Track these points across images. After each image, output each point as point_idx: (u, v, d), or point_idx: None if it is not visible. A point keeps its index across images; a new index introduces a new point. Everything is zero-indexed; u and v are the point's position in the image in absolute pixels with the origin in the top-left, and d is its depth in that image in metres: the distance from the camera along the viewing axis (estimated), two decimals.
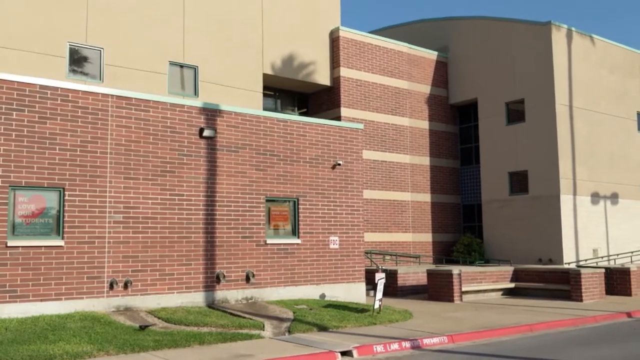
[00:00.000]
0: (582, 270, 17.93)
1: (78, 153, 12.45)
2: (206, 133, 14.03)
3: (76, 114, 12.50)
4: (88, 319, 11.41)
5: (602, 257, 23.94)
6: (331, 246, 16.03)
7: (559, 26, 24.34)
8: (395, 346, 10.68)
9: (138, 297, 12.87)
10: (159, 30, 19.64)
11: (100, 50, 18.54)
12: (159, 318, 12.04)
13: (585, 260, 23.17)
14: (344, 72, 23.81)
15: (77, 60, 18.30)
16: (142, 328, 11.03)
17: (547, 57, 24.00)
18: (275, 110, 23.71)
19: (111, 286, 12.53)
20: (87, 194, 12.48)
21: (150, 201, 13.23)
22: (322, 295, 15.64)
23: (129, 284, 12.70)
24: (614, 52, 26.62)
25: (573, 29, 24.83)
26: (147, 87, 18.46)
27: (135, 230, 12.97)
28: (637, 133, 27.12)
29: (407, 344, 10.84)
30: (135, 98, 13.31)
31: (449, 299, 17.47)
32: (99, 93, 12.86)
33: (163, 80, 19.57)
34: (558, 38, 24.20)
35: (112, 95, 13.02)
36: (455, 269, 17.94)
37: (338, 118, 23.11)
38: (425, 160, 26.26)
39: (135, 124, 13.20)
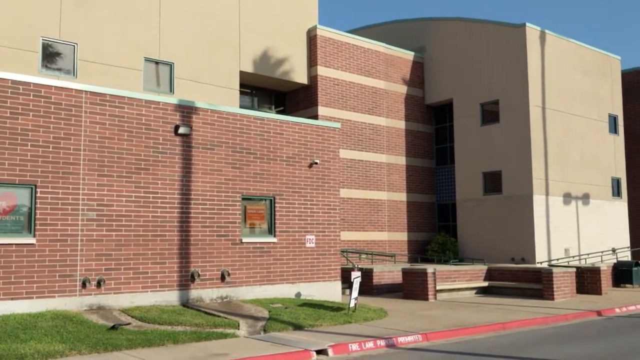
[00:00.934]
0: (554, 270, 18.22)
1: (51, 150, 12.25)
2: (181, 130, 13.91)
3: (49, 109, 12.29)
4: (60, 318, 11.24)
5: (573, 257, 24.35)
6: (307, 245, 16.03)
7: (534, 28, 24.68)
8: (370, 345, 10.73)
9: (111, 295, 12.71)
10: (134, 26, 19.41)
11: (74, 46, 18.26)
12: (132, 317, 11.92)
13: (557, 259, 23.55)
14: (322, 70, 23.82)
15: (50, 56, 17.99)
16: (115, 327, 10.90)
17: (522, 58, 24.31)
18: (252, 108, 23.62)
19: (84, 285, 12.36)
20: (60, 191, 12.28)
21: (124, 199, 13.08)
22: (298, 294, 15.64)
23: (102, 283, 12.54)
24: (586, 55, 27.08)
25: (547, 31, 25.19)
26: (121, 84, 18.24)
27: (109, 229, 12.81)
28: (608, 135, 27.64)
29: (382, 343, 10.90)
30: (109, 94, 13.14)
31: (424, 297, 17.60)
32: (72, 89, 12.67)
33: (138, 76, 19.34)
34: (532, 40, 24.53)
35: (86, 91, 12.83)
36: (430, 268, 18.09)
37: (315, 117, 23.11)
38: (402, 160, 26.41)
39: (110, 120, 13.04)
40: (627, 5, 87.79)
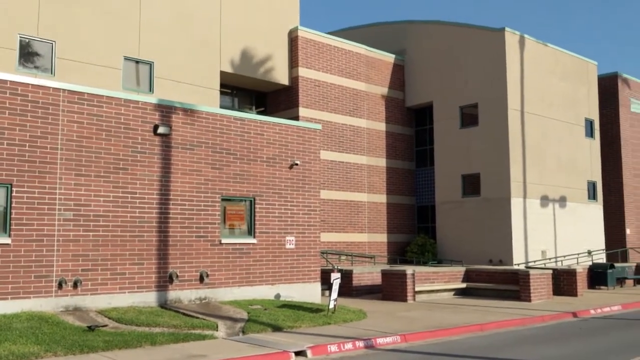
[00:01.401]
0: (531, 271, 18.42)
1: (27, 148, 12.07)
2: (161, 130, 13.81)
3: (26, 108, 12.12)
4: (35, 319, 11.08)
5: (550, 259, 24.66)
6: (287, 246, 16.01)
7: (513, 33, 24.96)
8: (349, 346, 10.75)
9: (88, 296, 12.57)
10: (114, 24, 19.22)
11: (52, 43, 18.02)
12: (109, 318, 11.79)
13: (534, 261, 23.83)
14: (303, 72, 23.82)
15: (28, 53, 17.74)
16: (92, 328, 10.78)
17: (501, 62, 24.57)
18: (232, 108, 23.53)
19: (60, 285, 12.20)
20: (36, 190, 12.11)
21: (102, 199, 12.94)
22: (277, 296, 15.61)
23: (78, 284, 12.39)
24: (564, 60, 27.46)
25: (526, 36, 25.49)
26: (100, 82, 18.05)
27: (86, 229, 12.67)
28: (585, 139, 28.05)
29: (360, 344, 10.92)
30: (87, 93, 13.00)
31: (403, 298, 17.68)
32: (50, 87, 12.51)
33: (117, 75, 19.16)
34: (511, 44, 24.81)
35: (64, 90, 12.67)
36: (409, 269, 18.18)
37: (296, 118, 23.10)
38: (382, 162, 26.52)
39: (88, 119, 12.89)
40: (603, 12, 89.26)
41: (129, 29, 19.53)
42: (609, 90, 30.27)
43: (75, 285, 12.36)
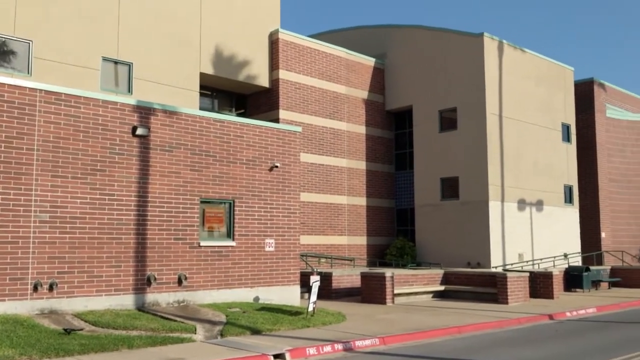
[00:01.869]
0: (508, 274, 18.62)
1: (2, 149, 11.88)
2: (139, 131, 13.70)
3: (1, 108, 11.93)
4: (10, 322, 10.90)
5: (527, 262, 24.94)
6: (267, 249, 15.97)
7: (491, 38, 25.23)
8: (327, 348, 10.75)
9: (64, 299, 12.40)
10: (92, 25, 19.03)
11: (29, 43, 17.78)
12: (86, 321, 11.65)
13: (511, 264, 24.08)
14: (283, 74, 23.81)
15: (3, 53, 17.48)
16: (68, 332, 10.64)
17: (479, 67, 24.82)
18: (212, 110, 23.42)
19: (35, 288, 12.02)
20: (12, 192, 11.93)
21: (79, 200, 12.78)
22: (257, 298, 15.56)
23: (54, 286, 12.22)
24: (542, 65, 27.82)
25: (504, 41, 25.79)
26: (78, 83, 17.85)
27: (63, 231, 12.51)
28: (561, 143, 28.43)
29: (339, 346, 10.94)
30: (65, 93, 12.84)
31: (382, 301, 17.75)
32: (26, 87, 12.33)
33: (95, 76, 18.97)
34: (490, 49, 25.07)
35: (41, 90, 12.51)
36: (388, 272, 18.25)
37: (276, 120, 23.08)
38: (362, 165, 26.60)
39: (65, 120, 12.74)
40: (580, 18, 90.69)
41: (107, 29, 19.35)
42: (585, 95, 30.74)
43: (51, 287, 12.20)
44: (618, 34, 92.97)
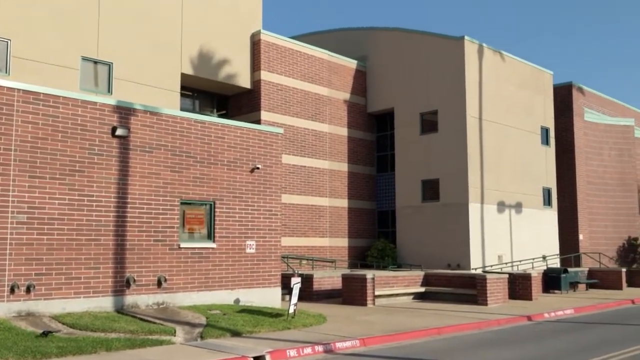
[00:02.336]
0: (488, 276, 18.78)
1: None
2: (119, 132, 13.58)
3: None
4: None
5: (506, 263, 25.16)
6: (247, 250, 15.93)
7: (472, 41, 25.44)
8: (308, 350, 10.75)
9: (41, 301, 12.24)
10: (71, 24, 18.82)
11: (7, 42, 17.53)
12: (63, 324, 11.51)
13: (491, 266, 24.28)
14: (265, 75, 23.77)
15: None
16: (45, 334, 10.50)
17: (460, 70, 25.01)
18: (193, 111, 23.29)
19: (12, 290, 11.84)
20: None
21: (57, 201, 12.64)
22: (237, 300, 15.50)
23: (31, 288, 12.06)
24: (521, 69, 28.13)
25: (484, 44, 26.02)
26: (57, 83, 17.63)
27: (40, 232, 12.35)
28: (540, 146, 28.76)
29: (319, 348, 10.94)
30: (43, 93, 12.69)
31: (363, 302, 17.78)
32: (4, 87, 12.16)
33: (75, 76, 18.76)
34: (471, 53, 25.29)
35: (19, 90, 12.34)
36: (369, 274, 18.30)
37: (258, 121, 23.02)
38: (344, 167, 26.65)
39: (43, 120, 12.58)
40: (558, 24, 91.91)
41: (87, 28, 19.16)
42: (564, 99, 31.13)
43: (28, 290, 12.03)
44: (597, 37, 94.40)
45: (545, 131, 29.18)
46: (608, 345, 11.70)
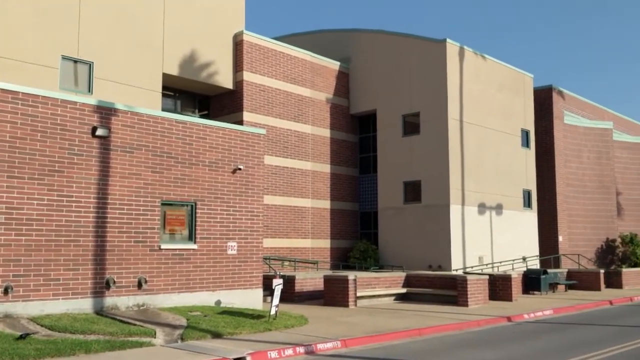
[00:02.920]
0: (468, 277, 18.90)
1: None
2: (99, 132, 13.46)
3: None
4: None
5: (486, 264, 25.37)
6: (229, 252, 15.86)
7: (453, 44, 25.62)
8: (289, 352, 10.74)
9: (19, 303, 12.07)
10: (51, 22, 18.61)
11: None
12: (42, 326, 11.37)
13: (472, 267, 24.46)
14: (247, 76, 23.71)
15: None
16: (23, 337, 10.36)
17: (442, 73, 25.18)
18: (174, 111, 23.16)
19: None
20: None
21: (35, 202, 12.48)
22: (218, 302, 15.42)
23: (9, 290, 11.89)
24: (502, 72, 28.39)
25: (466, 47, 26.22)
26: (36, 82, 17.41)
27: (18, 233, 12.18)
28: (520, 148, 29.05)
29: (301, 350, 10.94)
30: (22, 92, 12.53)
31: (344, 304, 17.80)
32: None
33: (55, 75, 18.56)
34: (452, 55, 25.46)
35: None
36: (351, 275, 18.32)
37: (240, 122, 22.96)
38: (326, 168, 26.67)
39: (22, 119, 12.42)
40: (540, 27, 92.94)
41: (67, 27, 18.95)
42: (544, 102, 31.48)
43: (6, 291, 11.86)
44: (576, 42, 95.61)
45: (525, 134, 29.49)
46: (586, 346, 11.84)
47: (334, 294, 18.20)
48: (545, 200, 30.75)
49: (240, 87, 23.66)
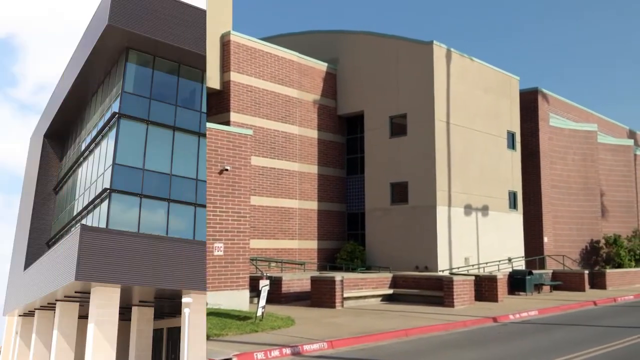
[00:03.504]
0: (454, 278, 18.99)
1: None
2: None
3: None
4: None
5: (473, 265, 25.48)
6: (215, 253, 15.81)
7: (440, 46, 25.72)
8: (275, 353, 10.72)
9: None
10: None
11: None
12: None
13: (458, 268, 24.56)
14: (234, 76, 23.64)
15: None
16: None
17: (429, 75, 25.25)
18: None
19: None
20: None
21: None
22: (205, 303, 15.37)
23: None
24: (488, 74, 28.54)
25: (453, 49, 26.33)
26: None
27: None
28: (506, 150, 29.21)
29: (287, 351, 10.93)
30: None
31: (331, 305, 17.81)
32: None
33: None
34: (439, 57, 25.55)
35: None
36: (338, 276, 18.34)
37: (227, 123, 22.88)
38: (314, 169, 26.66)
39: None
40: (527, 30, 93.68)
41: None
42: (530, 104, 31.68)
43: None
44: (562, 45, 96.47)
45: (511, 135, 29.66)
46: (571, 346, 11.94)
47: (321, 295, 18.20)
48: (531, 201, 30.95)
49: (227, 88, 23.59)
